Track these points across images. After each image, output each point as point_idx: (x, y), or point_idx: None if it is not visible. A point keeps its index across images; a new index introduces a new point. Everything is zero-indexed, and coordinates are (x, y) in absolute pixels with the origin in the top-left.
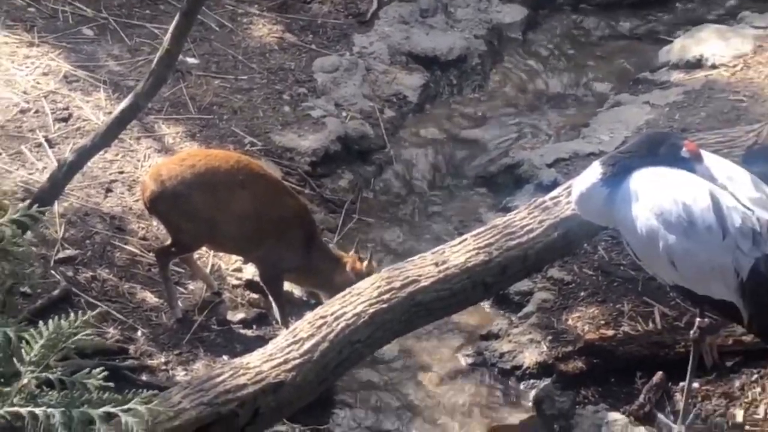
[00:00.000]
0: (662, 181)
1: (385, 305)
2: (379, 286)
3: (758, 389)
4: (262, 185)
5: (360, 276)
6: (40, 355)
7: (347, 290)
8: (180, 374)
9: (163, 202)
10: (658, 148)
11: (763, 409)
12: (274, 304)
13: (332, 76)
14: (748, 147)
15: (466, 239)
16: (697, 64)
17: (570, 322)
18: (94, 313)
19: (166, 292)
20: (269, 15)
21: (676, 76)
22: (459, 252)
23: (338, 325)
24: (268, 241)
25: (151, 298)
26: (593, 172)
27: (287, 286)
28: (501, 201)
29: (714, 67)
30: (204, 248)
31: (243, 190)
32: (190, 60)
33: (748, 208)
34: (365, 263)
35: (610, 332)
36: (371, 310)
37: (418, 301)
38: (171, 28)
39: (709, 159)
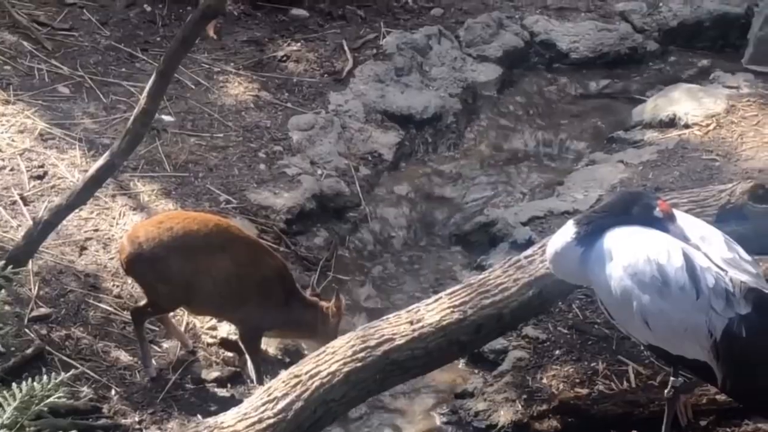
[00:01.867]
0: (636, 240)
1: (359, 364)
2: (353, 345)
3: None
4: (242, 247)
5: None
6: (13, 417)
7: (321, 349)
8: None
9: (140, 265)
10: (632, 208)
11: None
12: (249, 362)
13: (308, 134)
14: (720, 206)
15: (440, 298)
16: (671, 123)
17: (545, 380)
18: (68, 375)
19: (141, 351)
20: (245, 73)
21: (650, 135)
22: (434, 311)
23: (313, 383)
24: (249, 303)
25: (125, 357)
26: (567, 232)
27: (262, 343)
28: (476, 259)
29: (687, 126)
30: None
31: (222, 253)
32: (166, 118)
33: (722, 269)
34: (340, 304)
35: (585, 391)
36: (346, 369)
37: (393, 359)
38: (147, 86)
39: (683, 219)
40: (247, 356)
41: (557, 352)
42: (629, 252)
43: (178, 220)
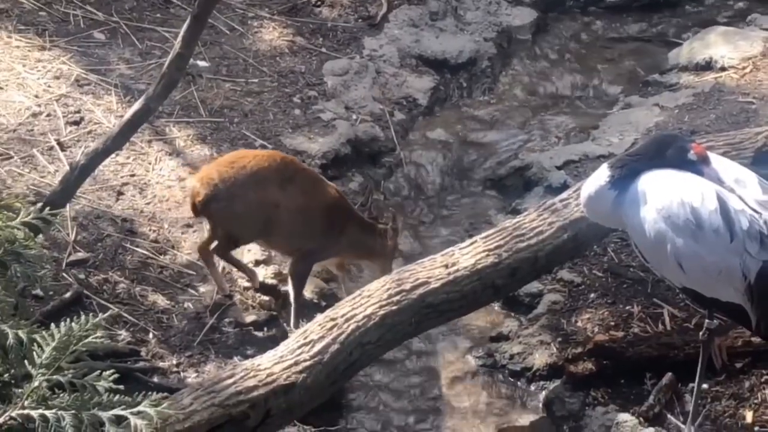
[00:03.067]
0: (670, 183)
1: (395, 307)
2: (389, 288)
3: (767, 390)
4: (307, 179)
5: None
6: (52, 357)
7: (357, 292)
8: (191, 376)
9: (219, 205)
10: (666, 151)
11: None
12: (291, 297)
13: (342, 79)
14: (757, 149)
15: (475, 241)
16: (707, 66)
17: (579, 323)
18: (105, 315)
19: (242, 270)
20: (279, 19)
21: (686, 78)
22: (468, 254)
23: (348, 327)
24: (317, 230)
25: (162, 301)
26: (601, 175)
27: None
28: (510, 203)
29: (723, 69)
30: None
31: (292, 185)
32: (201, 63)
33: (756, 211)
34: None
35: (620, 334)
36: (381, 312)
37: (428, 303)
38: (182, 31)
39: (717, 162)
40: (292, 292)
41: (592, 295)
42: (663, 195)
43: (249, 158)
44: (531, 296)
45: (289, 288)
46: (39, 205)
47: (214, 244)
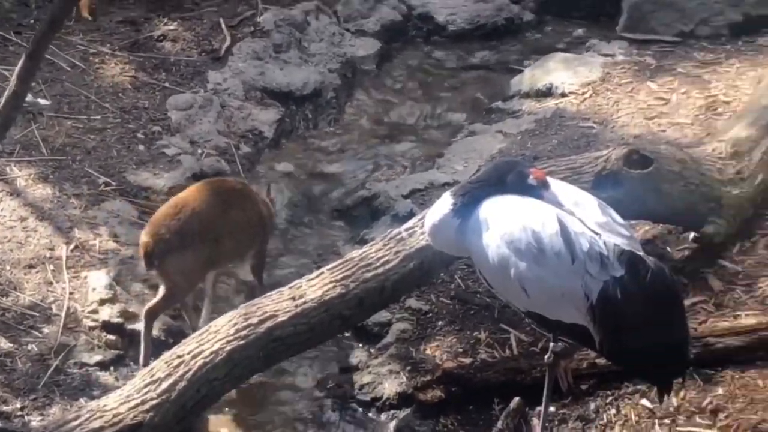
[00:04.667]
0: (511, 209)
1: (242, 342)
2: (236, 323)
3: (613, 411)
4: (242, 194)
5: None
6: None
7: (204, 328)
8: (36, 420)
9: (171, 252)
10: (507, 177)
11: (617, 430)
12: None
13: (186, 113)
14: (596, 173)
15: (322, 273)
16: (548, 92)
17: (428, 351)
18: None
19: (144, 351)
20: (121, 54)
21: (528, 104)
22: (316, 286)
23: (195, 363)
24: (259, 233)
25: (4, 343)
26: (444, 204)
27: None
28: (359, 233)
29: (564, 95)
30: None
31: (234, 209)
32: (42, 101)
33: (596, 233)
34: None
35: (468, 360)
36: (229, 348)
37: (276, 336)
38: (17, 69)
39: (556, 186)
40: (258, 283)
41: (440, 322)
42: (505, 220)
43: (187, 196)
44: (380, 325)
45: (255, 281)
46: None
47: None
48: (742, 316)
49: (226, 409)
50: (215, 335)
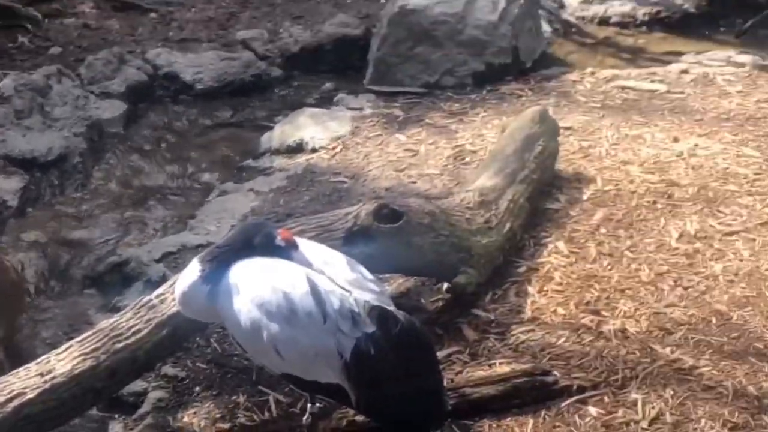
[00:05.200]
0: (260, 271)
1: None
2: None
3: None
4: None
5: None
6: None
7: None
8: None
9: None
10: (254, 239)
11: None
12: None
13: None
14: (347, 229)
15: (71, 346)
16: (298, 148)
17: (186, 419)
18: None
19: None
20: None
21: (279, 161)
22: (65, 360)
23: None
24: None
25: None
26: (192, 271)
27: None
28: (111, 301)
29: (314, 150)
30: None
31: None
32: None
33: (346, 290)
34: None
35: (227, 425)
36: None
37: (25, 414)
38: None
39: (305, 245)
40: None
41: (197, 388)
42: (255, 284)
43: None
44: (135, 395)
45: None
46: None
47: None
48: (497, 364)
49: None
50: None
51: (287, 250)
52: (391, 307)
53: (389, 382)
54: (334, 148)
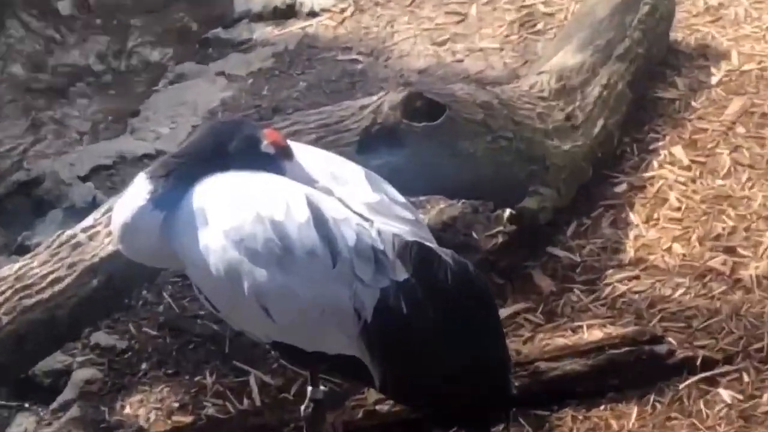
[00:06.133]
0: (239, 192)
1: None
2: None
3: None
4: None
5: None
6: None
7: None
8: None
9: None
10: (228, 145)
11: None
12: None
13: None
14: (364, 130)
15: None
16: (290, 11)
17: (129, 409)
18: None
19: None
20: None
21: (262, 31)
22: None
23: None
24: None
25: None
26: (139, 191)
27: None
28: (16, 238)
29: (314, 14)
30: None
31: None
32: None
33: (365, 218)
34: None
35: (189, 418)
36: None
37: None
38: None
39: (305, 152)
40: None
41: (144, 365)
42: (231, 210)
43: None
44: (54, 375)
45: None
46: None
47: None
48: (584, 327)
49: None
50: None
51: (277, 160)
52: (433, 244)
53: (429, 353)
54: (342, 11)
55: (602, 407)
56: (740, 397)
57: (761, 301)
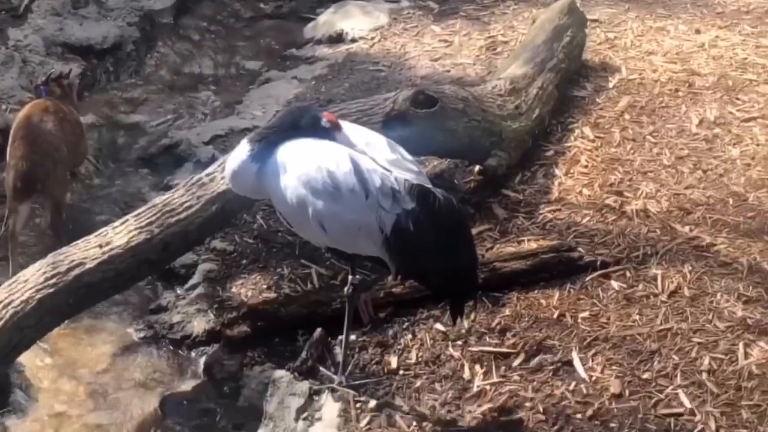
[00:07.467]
0: (306, 151)
1: (51, 290)
2: (45, 272)
3: (409, 336)
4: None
5: None
6: None
7: (14, 278)
8: None
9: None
10: (300, 121)
11: (414, 353)
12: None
13: None
14: (386, 114)
15: (127, 220)
16: (339, 38)
17: (234, 289)
18: None
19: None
20: None
21: (321, 51)
22: (121, 233)
23: (6, 312)
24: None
25: None
26: (242, 150)
27: None
28: (163, 180)
29: (354, 40)
30: None
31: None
32: None
33: (387, 169)
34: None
35: (272, 295)
36: (38, 296)
37: (85, 282)
38: None
39: (349, 127)
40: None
41: (244, 261)
42: (301, 162)
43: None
44: (186, 267)
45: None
46: None
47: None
48: (525, 241)
49: (41, 354)
50: (24, 284)
51: (331, 132)
52: (429, 186)
53: (427, 255)
54: (372, 39)
55: (536, 292)
56: (624, 286)
57: (638, 225)
